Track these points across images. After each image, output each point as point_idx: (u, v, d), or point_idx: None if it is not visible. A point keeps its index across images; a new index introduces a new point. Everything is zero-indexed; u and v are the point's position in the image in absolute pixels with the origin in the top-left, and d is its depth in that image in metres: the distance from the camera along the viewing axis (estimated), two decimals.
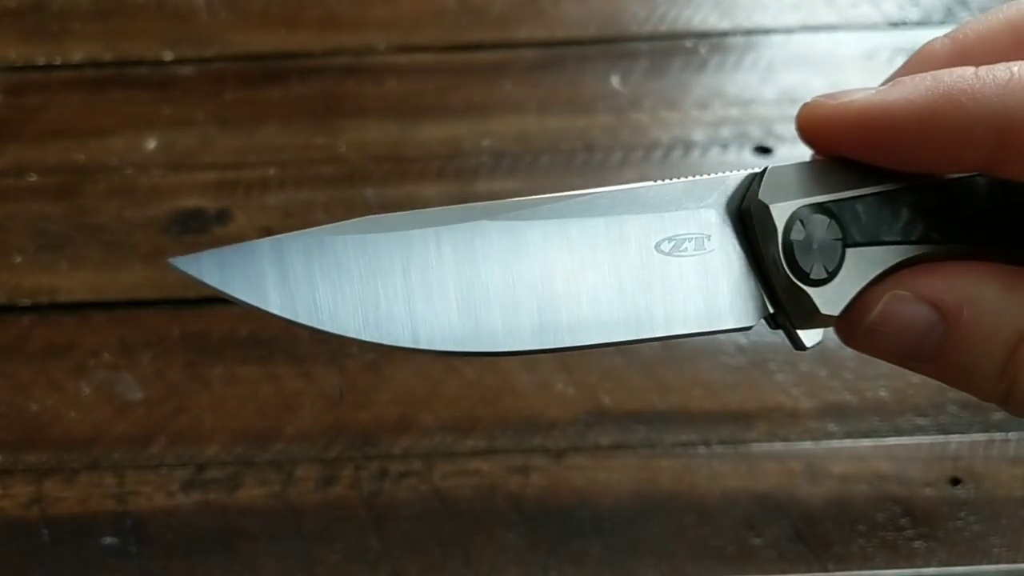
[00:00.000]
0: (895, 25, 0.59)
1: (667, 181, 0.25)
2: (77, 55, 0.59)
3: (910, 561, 0.42)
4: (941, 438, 0.45)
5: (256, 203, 0.53)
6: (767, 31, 0.59)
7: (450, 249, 0.24)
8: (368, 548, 0.43)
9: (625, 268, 0.25)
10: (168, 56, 0.59)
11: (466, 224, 0.24)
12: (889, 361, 0.25)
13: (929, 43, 0.27)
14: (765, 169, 0.25)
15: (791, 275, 0.24)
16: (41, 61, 0.59)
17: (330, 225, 0.24)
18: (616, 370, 0.47)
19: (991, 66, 0.24)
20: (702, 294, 0.25)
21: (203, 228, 0.52)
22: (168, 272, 0.55)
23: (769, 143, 0.54)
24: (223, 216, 0.53)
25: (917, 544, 0.42)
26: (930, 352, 0.24)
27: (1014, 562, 0.42)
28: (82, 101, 0.57)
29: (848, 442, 0.45)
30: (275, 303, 0.23)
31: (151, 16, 0.61)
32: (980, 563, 0.42)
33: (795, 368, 0.46)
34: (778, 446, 0.45)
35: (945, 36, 0.27)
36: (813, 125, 0.25)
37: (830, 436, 0.45)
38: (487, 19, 0.60)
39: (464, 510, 0.44)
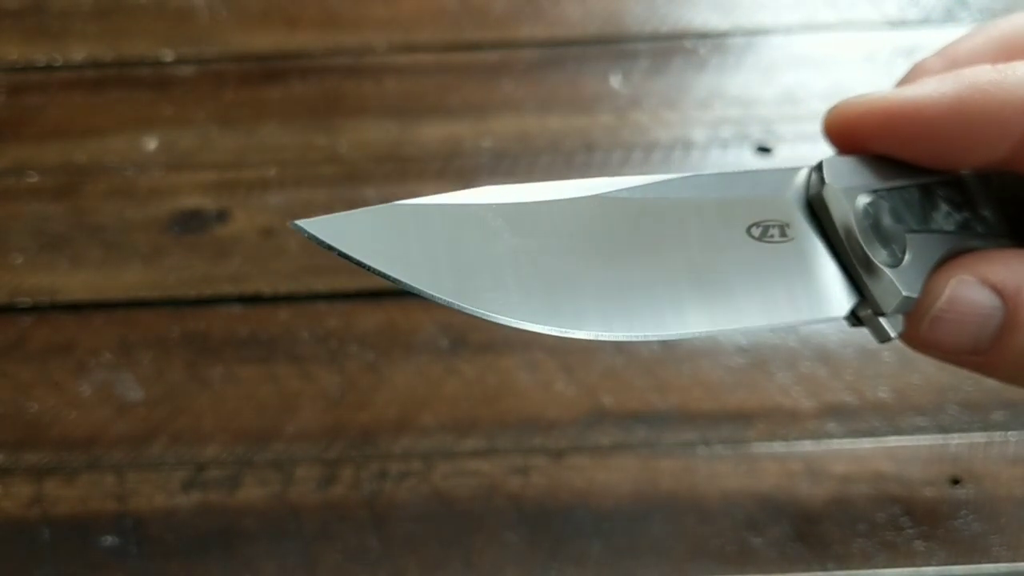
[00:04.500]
0: (895, 25, 0.59)
1: (735, 171, 0.25)
2: (77, 55, 0.59)
3: (910, 561, 0.42)
4: (941, 438, 0.45)
5: (256, 203, 0.53)
6: (767, 31, 0.59)
7: (576, 224, 0.23)
8: (368, 548, 0.43)
9: (722, 251, 0.24)
10: (168, 56, 0.59)
11: (586, 197, 0.23)
12: (948, 359, 0.26)
13: (921, 62, 0.28)
14: (821, 161, 0.25)
15: (873, 257, 0.24)
16: (41, 61, 0.59)
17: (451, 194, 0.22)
18: (616, 370, 0.47)
19: (1006, 63, 0.25)
20: (796, 281, 0.24)
21: (203, 228, 0.52)
22: (168, 272, 0.55)
23: (769, 143, 0.54)
24: (223, 216, 0.53)
25: (917, 544, 0.42)
26: (989, 340, 0.25)
27: (1014, 562, 0.42)
28: (82, 101, 0.57)
29: (848, 442, 0.45)
30: (420, 277, 0.21)
31: (151, 16, 0.61)
32: (980, 563, 0.42)
33: (795, 368, 0.46)
34: (778, 446, 0.45)
35: (935, 55, 0.28)
36: (846, 125, 0.26)
37: (830, 436, 0.45)
38: (487, 19, 0.60)
39: (464, 510, 0.44)
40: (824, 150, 0.27)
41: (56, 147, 0.55)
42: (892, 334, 0.25)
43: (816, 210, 0.25)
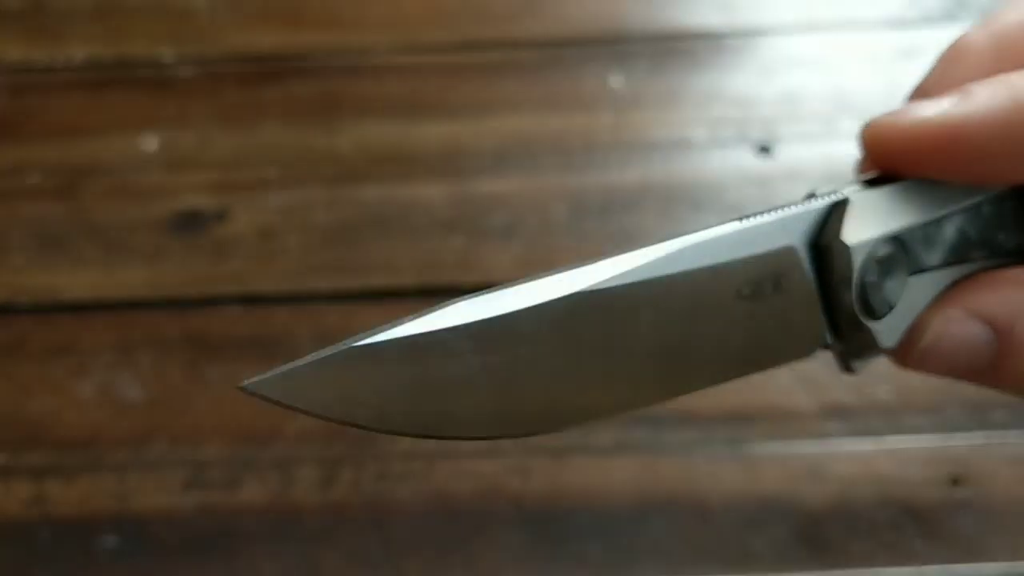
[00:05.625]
0: (895, 25, 0.59)
1: (750, 219, 0.24)
2: (77, 55, 0.59)
3: (910, 561, 0.42)
4: (941, 438, 0.45)
5: (256, 203, 0.53)
6: (767, 31, 0.59)
7: (552, 328, 0.22)
8: (369, 549, 0.43)
9: (702, 325, 0.23)
10: (168, 56, 0.59)
11: (560, 300, 0.22)
12: (946, 377, 0.25)
13: (963, 37, 0.26)
14: (846, 200, 0.24)
15: (860, 314, 0.24)
16: (41, 61, 0.59)
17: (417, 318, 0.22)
18: None
19: None
20: (773, 333, 0.24)
21: (203, 228, 0.52)
22: (168, 272, 0.55)
23: (769, 143, 0.54)
24: (223, 216, 0.53)
25: (917, 544, 0.42)
26: (985, 367, 0.24)
27: (1014, 562, 0.42)
28: (82, 101, 0.57)
29: (849, 442, 0.45)
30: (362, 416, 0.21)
31: (151, 16, 0.61)
32: (980, 563, 0.42)
33: (795, 368, 0.46)
34: (779, 446, 0.45)
35: (979, 29, 0.26)
36: (892, 148, 0.24)
37: (831, 436, 0.45)
38: (488, 18, 0.60)
39: (465, 511, 0.44)
40: (824, 151, 0.27)
41: (56, 147, 0.55)
42: (857, 371, 0.25)
43: (822, 254, 0.24)
